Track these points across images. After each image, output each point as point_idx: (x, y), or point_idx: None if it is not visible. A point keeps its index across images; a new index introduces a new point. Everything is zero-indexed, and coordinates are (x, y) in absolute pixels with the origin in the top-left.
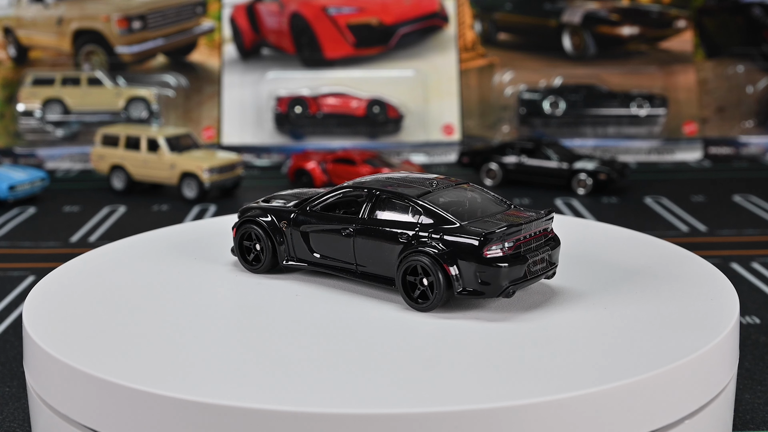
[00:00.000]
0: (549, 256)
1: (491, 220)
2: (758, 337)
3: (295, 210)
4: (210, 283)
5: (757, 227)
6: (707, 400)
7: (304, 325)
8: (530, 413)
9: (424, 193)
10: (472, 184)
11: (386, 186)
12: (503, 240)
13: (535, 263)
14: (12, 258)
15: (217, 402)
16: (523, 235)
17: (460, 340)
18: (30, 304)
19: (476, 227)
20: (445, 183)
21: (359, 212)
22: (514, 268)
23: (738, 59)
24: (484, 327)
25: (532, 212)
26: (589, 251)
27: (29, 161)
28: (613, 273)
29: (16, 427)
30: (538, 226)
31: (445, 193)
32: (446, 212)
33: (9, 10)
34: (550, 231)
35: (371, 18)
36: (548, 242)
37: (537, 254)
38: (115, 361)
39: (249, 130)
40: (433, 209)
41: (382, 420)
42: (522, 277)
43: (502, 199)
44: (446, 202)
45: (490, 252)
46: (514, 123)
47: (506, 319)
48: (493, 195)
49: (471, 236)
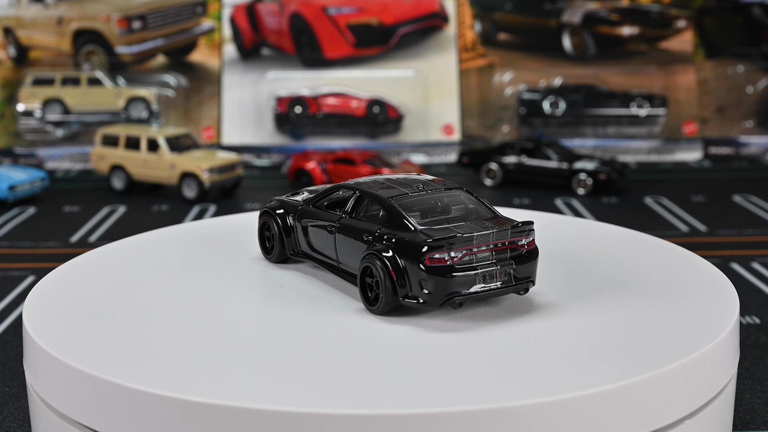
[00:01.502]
0: (514, 271)
1: (455, 228)
2: (758, 337)
3: (301, 205)
4: (210, 283)
5: (757, 227)
6: (707, 400)
7: (304, 325)
8: (530, 414)
9: (397, 195)
10: (467, 190)
11: (369, 186)
12: (450, 248)
13: (491, 276)
14: (12, 258)
15: (217, 402)
16: (476, 245)
17: (461, 340)
18: (30, 304)
19: (429, 233)
20: (435, 186)
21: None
22: (459, 279)
23: (738, 59)
24: (485, 327)
25: (508, 224)
26: (589, 251)
27: (29, 161)
28: (613, 273)
29: (16, 427)
30: (500, 237)
31: (426, 197)
32: (408, 215)
33: (9, 10)
34: (524, 244)
35: (371, 18)
36: (519, 256)
37: (494, 267)
38: (115, 362)
39: (249, 130)
40: (396, 211)
41: (381, 420)
42: (469, 289)
43: (489, 208)
44: (416, 206)
45: (433, 260)
46: (514, 123)
47: (506, 320)
48: (481, 202)
49: (417, 242)
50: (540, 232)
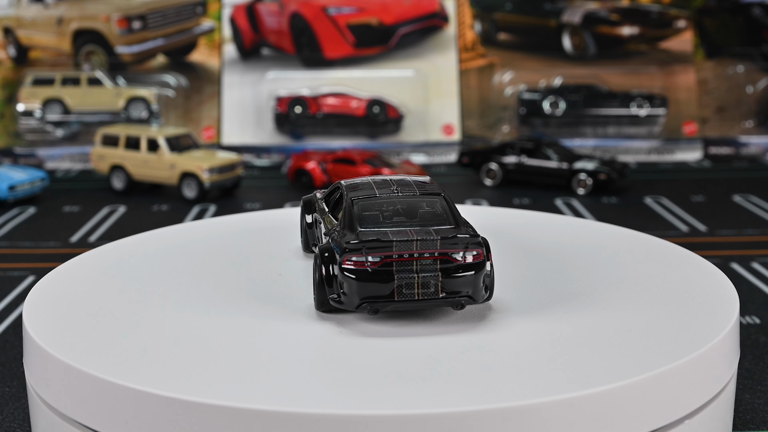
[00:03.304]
0: (441, 283)
1: (393, 233)
2: (758, 337)
3: (320, 200)
4: (211, 283)
5: (757, 227)
6: (707, 399)
7: (304, 326)
8: (530, 414)
9: (364, 196)
10: (445, 197)
11: (352, 186)
12: (368, 253)
13: (410, 285)
14: (12, 258)
15: (218, 403)
16: (397, 252)
17: (461, 341)
18: (30, 304)
19: (360, 236)
20: (411, 191)
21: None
22: (373, 285)
23: (738, 59)
24: (485, 327)
25: (456, 236)
26: (589, 251)
27: (29, 161)
28: (613, 273)
29: (16, 427)
30: (426, 247)
31: (393, 200)
32: (359, 216)
33: (9, 10)
34: (463, 258)
35: (371, 18)
36: (451, 269)
37: (413, 277)
38: (116, 361)
39: (249, 130)
40: (349, 211)
41: (381, 420)
42: (388, 296)
43: (455, 218)
44: (376, 208)
45: (348, 263)
46: (514, 123)
47: (506, 320)
48: (451, 212)
49: (341, 243)
50: (540, 232)
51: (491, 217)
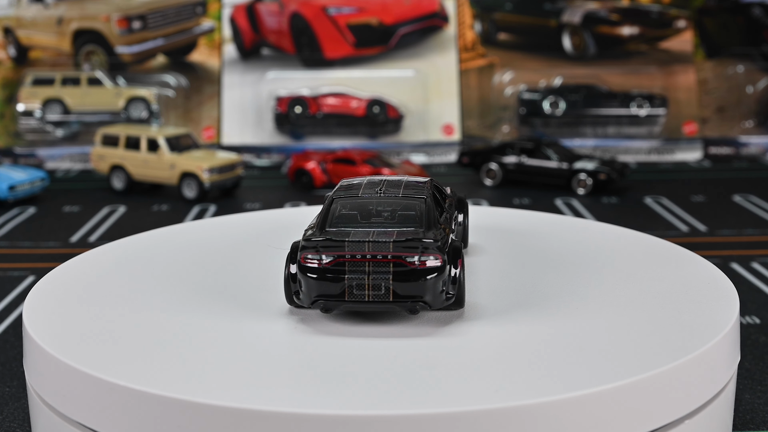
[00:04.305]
0: (393, 286)
1: (355, 233)
2: (758, 337)
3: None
4: (211, 283)
5: (757, 227)
6: (707, 399)
7: (303, 326)
8: (530, 413)
9: (346, 195)
10: (427, 200)
11: (345, 186)
12: (321, 252)
13: (360, 286)
14: (12, 258)
15: (218, 403)
16: (349, 253)
17: (461, 341)
18: (30, 304)
19: (324, 235)
20: (394, 192)
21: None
22: (326, 284)
23: (738, 59)
24: (485, 327)
25: (416, 239)
26: (589, 251)
27: (29, 161)
28: (613, 273)
29: (16, 427)
30: (378, 249)
31: (373, 201)
32: (331, 215)
33: (9, 10)
34: (416, 262)
35: (371, 18)
36: (403, 273)
37: (364, 278)
38: (116, 361)
39: (249, 130)
40: (325, 210)
41: (381, 421)
42: (339, 296)
43: (428, 221)
44: (352, 208)
45: (306, 260)
46: (514, 123)
47: (505, 320)
48: (428, 215)
49: (300, 241)
50: (540, 233)
51: (491, 217)
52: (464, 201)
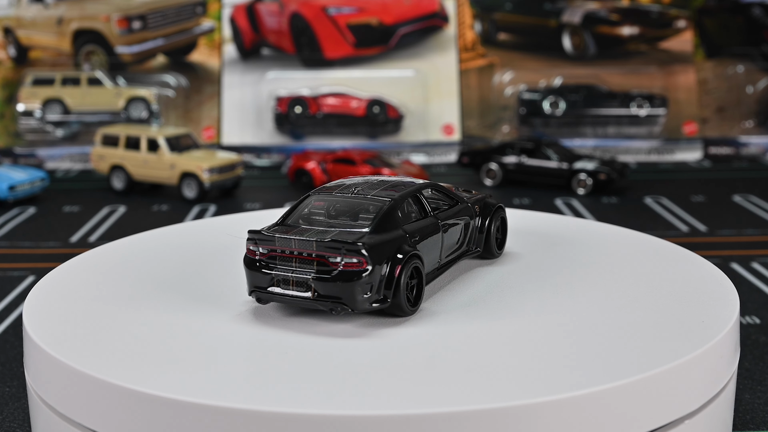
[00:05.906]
0: (314, 285)
1: (303, 230)
2: (758, 337)
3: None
4: (211, 283)
5: (757, 227)
6: (707, 399)
7: (303, 325)
8: (529, 413)
9: (321, 192)
10: (392, 200)
11: (335, 185)
12: (258, 245)
13: (286, 282)
14: (12, 258)
15: (218, 404)
16: (279, 248)
17: (461, 340)
18: (30, 304)
19: (272, 231)
20: (367, 192)
21: None
22: (258, 275)
23: (738, 59)
24: (485, 327)
25: (346, 241)
26: (589, 251)
27: (29, 161)
28: (614, 273)
29: (16, 427)
30: (303, 247)
31: (345, 200)
32: (296, 210)
33: (9, 10)
34: (340, 263)
35: (371, 18)
36: (325, 273)
37: (289, 274)
38: (115, 361)
39: (249, 130)
40: (291, 206)
41: (381, 421)
42: (266, 288)
43: (377, 222)
44: (327, 206)
45: (248, 251)
46: (514, 123)
47: (504, 320)
48: (376, 216)
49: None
50: (540, 232)
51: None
52: (492, 206)
